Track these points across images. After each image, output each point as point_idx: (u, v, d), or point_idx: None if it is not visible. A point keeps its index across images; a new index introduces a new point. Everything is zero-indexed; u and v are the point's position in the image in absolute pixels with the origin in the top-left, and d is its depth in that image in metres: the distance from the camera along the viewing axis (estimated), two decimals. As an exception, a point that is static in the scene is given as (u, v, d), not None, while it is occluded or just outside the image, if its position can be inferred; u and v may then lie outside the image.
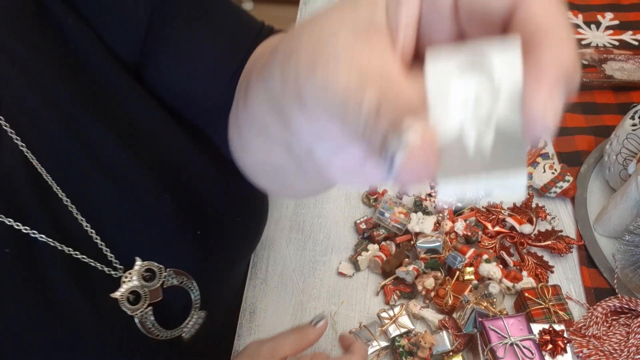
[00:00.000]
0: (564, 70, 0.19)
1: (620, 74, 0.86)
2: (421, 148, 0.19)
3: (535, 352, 0.53)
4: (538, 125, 0.18)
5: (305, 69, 0.24)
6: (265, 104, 0.29)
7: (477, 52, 0.19)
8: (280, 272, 0.68)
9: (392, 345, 0.58)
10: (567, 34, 0.20)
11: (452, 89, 0.19)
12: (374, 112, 0.21)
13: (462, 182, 0.19)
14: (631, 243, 0.61)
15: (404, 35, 0.23)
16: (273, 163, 0.34)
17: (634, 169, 0.65)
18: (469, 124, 0.19)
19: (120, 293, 0.46)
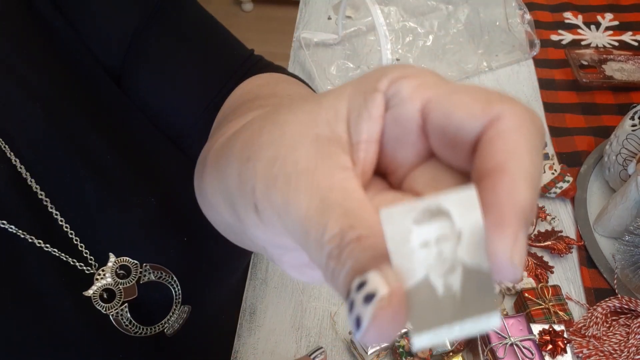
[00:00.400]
0: (525, 210, 0.18)
1: (620, 74, 0.86)
2: (390, 309, 0.18)
3: (535, 353, 0.53)
4: (506, 271, 0.18)
5: (264, 183, 0.22)
6: (220, 195, 0.28)
7: (432, 205, 0.19)
8: (281, 272, 0.68)
9: (392, 345, 0.58)
10: (533, 167, 0.19)
11: (412, 241, 0.19)
12: (336, 247, 0.20)
13: (435, 333, 0.18)
14: (631, 243, 0.62)
15: (365, 152, 0.22)
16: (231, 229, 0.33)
17: (634, 169, 0.65)
18: (435, 272, 0.19)
19: (92, 291, 0.45)
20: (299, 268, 0.28)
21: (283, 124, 0.23)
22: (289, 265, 0.28)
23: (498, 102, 0.20)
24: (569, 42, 0.97)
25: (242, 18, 2.49)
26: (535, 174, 0.19)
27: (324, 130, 0.22)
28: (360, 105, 0.22)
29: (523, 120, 0.20)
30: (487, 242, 0.18)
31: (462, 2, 0.93)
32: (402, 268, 0.19)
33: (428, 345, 0.19)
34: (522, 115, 0.20)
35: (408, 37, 0.89)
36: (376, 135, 0.22)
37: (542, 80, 0.90)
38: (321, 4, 1.03)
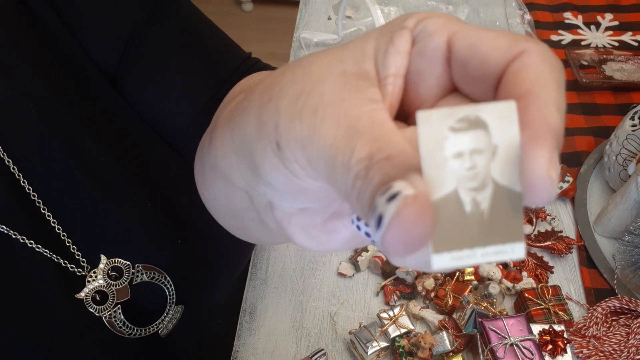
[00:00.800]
0: (557, 131, 0.19)
1: (620, 74, 0.86)
2: (415, 207, 0.17)
3: (535, 353, 0.53)
4: (543, 185, 0.17)
5: (288, 117, 0.22)
6: (232, 150, 0.28)
7: (471, 114, 0.18)
8: (280, 272, 0.68)
9: (392, 345, 0.58)
10: (559, 95, 0.20)
11: (446, 149, 0.18)
12: (364, 169, 0.19)
13: (457, 255, 0.18)
14: (631, 243, 0.62)
15: (393, 86, 0.22)
16: (234, 208, 0.32)
17: (634, 169, 0.65)
18: (465, 186, 0.18)
19: (84, 293, 0.45)
20: (309, 231, 0.27)
21: (307, 64, 0.23)
22: (299, 227, 0.27)
23: (523, 40, 0.20)
24: (569, 42, 0.97)
25: (242, 18, 2.49)
26: (561, 102, 0.20)
27: (351, 66, 0.22)
28: (387, 42, 0.22)
29: (547, 56, 0.20)
30: (523, 157, 0.17)
31: (462, 2, 0.93)
32: (432, 177, 0.18)
33: (447, 267, 0.18)
34: (546, 52, 0.21)
35: (408, 37, 0.89)
36: (403, 70, 0.22)
37: (542, 81, 0.90)
38: (321, 4, 1.03)
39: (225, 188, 0.31)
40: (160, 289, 0.50)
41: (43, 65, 0.44)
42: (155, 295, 0.50)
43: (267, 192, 0.27)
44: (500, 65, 0.20)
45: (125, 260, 0.47)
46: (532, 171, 0.17)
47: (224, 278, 0.60)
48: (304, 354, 0.60)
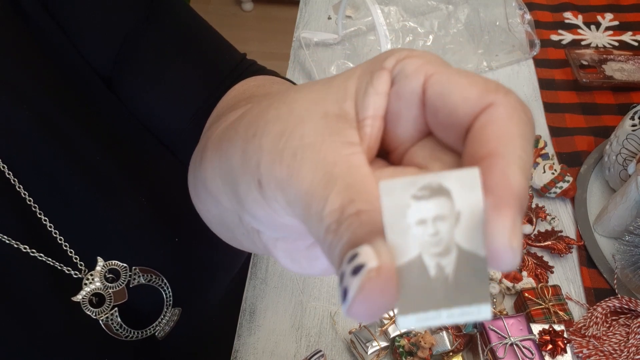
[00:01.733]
0: (520, 195, 0.18)
1: (620, 74, 0.86)
2: (378, 280, 0.17)
3: (535, 353, 0.53)
4: (504, 255, 0.17)
5: (269, 157, 0.23)
6: (219, 177, 0.28)
7: (433, 182, 0.18)
8: (280, 272, 0.68)
9: (392, 345, 0.58)
10: (525, 153, 0.19)
11: (409, 217, 0.18)
12: (335, 222, 0.20)
13: (422, 316, 0.18)
14: (631, 243, 0.62)
15: (371, 128, 0.23)
16: (225, 222, 0.33)
17: (634, 169, 0.65)
18: (429, 252, 0.18)
19: (81, 296, 0.45)
20: (293, 256, 0.28)
21: (291, 101, 0.23)
22: (282, 252, 0.28)
23: (493, 90, 0.21)
24: (569, 42, 0.97)
25: (242, 18, 2.49)
26: (527, 161, 0.19)
27: (333, 107, 0.23)
28: (368, 82, 0.23)
29: (515, 110, 0.20)
30: (486, 226, 0.18)
31: (462, 2, 0.93)
32: (395, 244, 0.18)
33: (413, 326, 0.18)
34: (514, 105, 0.20)
35: (408, 37, 0.89)
36: (382, 111, 0.23)
37: (542, 80, 0.90)
38: (321, 4, 1.03)
39: (216, 207, 0.32)
40: (157, 291, 0.50)
41: (36, 68, 0.44)
42: (152, 297, 0.50)
43: (252, 221, 0.27)
44: (468, 118, 0.21)
45: (122, 260, 0.47)
46: (494, 240, 0.17)
47: (221, 277, 0.60)
48: (304, 353, 0.60)
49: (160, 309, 0.50)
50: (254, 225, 0.28)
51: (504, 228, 0.17)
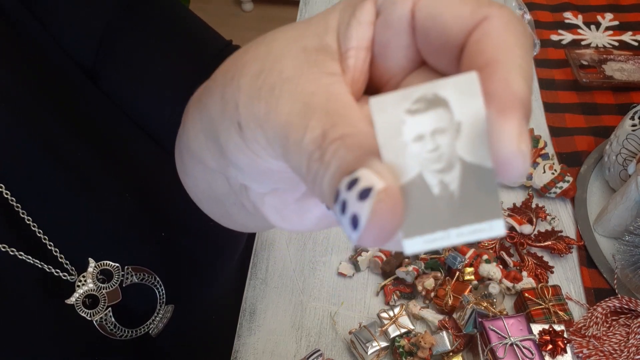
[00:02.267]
0: (524, 101, 0.17)
1: (620, 74, 0.86)
2: (388, 203, 0.16)
3: (535, 353, 0.53)
4: (514, 160, 0.16)
5: (247, 96, 0.22)
6: (201, 132, 0.27)
7: (428, 92, 0.17)
8: (280, 272, 0.68)
9: (392, 345, 0.58)
10: (525, 62, 0.19)
11: (405, 134, 0.17)
12: (317, 149, 0.18)
13: (430, 238, 0.17)
14: (631, 243, 0.62)
15: (355, 59, 0.21)
16: (214, 193, 0.32)
17: (634, 169, 0.65)
18: (430, 169, 0.17)
19: (74, 298, 0.44)
20: (282, 212, 0.27)
21: (270, 41, 0.23)
22: (271, 208, 0.27)
23: (486, 4, 0.19)
24: (569, 42, 0.97)
25: (242, 18, 2.49)
26: (527, 69, 0.18)
27: (313, 41, 0.22)
28: (350, 14, 0.22)
29: (511, 21, 0.19)
30: (491, 132, 0.16)
31: (462, 2, 0.93)
32: (393, 164, 0.17)
33: (421, 250, 0.17)
34: (509, 17, 0.19)
35: (408, 37, 0.89)
36: (366, 42, 0.22)
37: (542, 80, 0.90)
38: (321, 4, 1.03)
39: (203, 172, 0.31)
40: (151, 290, 0.50)
41: (14, 62, 0.43)
42: (145, 296, 0.50)
43: (238, 174, 0.26)
44: (462, 35, 0.19)
45: (112, 258, 0.46)
46: (502, 146, 0.16)
47: (213, 271, 0.59)
48: (304, 354, 0.60)
49: (153, 307, 0.50)
50: (240, 180, 0.27)
51: (511, 131, 0.16)
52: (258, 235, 0.71)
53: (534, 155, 0.74)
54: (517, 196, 0.74)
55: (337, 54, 0.22)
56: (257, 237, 0.71)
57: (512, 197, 0.74)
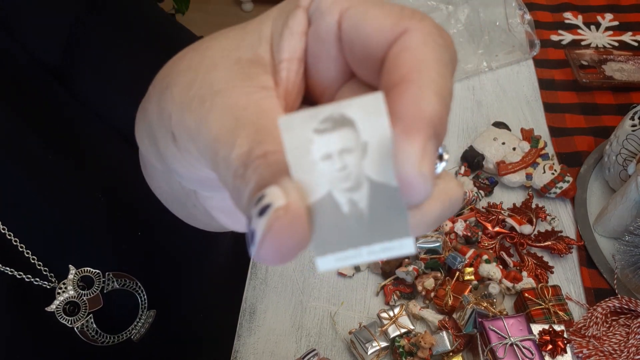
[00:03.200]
0: (432, 120, 0.17)
1: (620, 74, 0.86)
2: (286, 218, 0.16)
3: (535, 353, 0.53)
4: (415, 183, 0.16)
5: (179, 107, 0.21)
6: (145, 137, 0.26)
7: (335, 112, 0.17)
8: (280, 272, 0.68)
9: (392, 345, 0.58)
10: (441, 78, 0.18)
11: (313, 153, 0.17)
12: (242, 166, 0.18)
13: (341, 256, 0.17)
14: (631, 243, 0.62)
15: (287, 71, 0.21)
16: (174, 194, 0.31)
17: (634, 169, 0.65)
18: (339, 188, 0.17)
19: (55, 305, 0.43)
20: (229, 212, 0.26)
21: (205, 49, 0.22)
22: (218, 210, 0.27)
23: (407, 17, 0.19)
24: (569, 42, 0.97)
25: (242, 18, 2.48)
26: (443, 85, 0.18)
27: (246, 53, 0.22)
28: (283, 24, 0.21)
29: (430, 35, 0.19)
30: (394, 152, 0.17)
31: (462, 2, 0.93)
32: (303, 182, 0.17)
33: (333, 267, 0.17)
34: (429, 29, 0.19)
35: (408, 37, 0.89)
36: (298, 53, 0.21)
37: (542, 80, 0.90)
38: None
39: (161, 174, 0.30)
40: (132, 295, 0.49)
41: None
42: (127, 301, 0.49)
43: (180, 180, 0.26)
44: (383, 47, 0.19)
45: (91, 262, 0.46)
46: (403, 168, 0.16)
47: (193, 269, 0.58)
48: (304, 353, 0.60)
49: (135, 312, 0.50)
50: (184, 185, 0.27)
51: (412, 153, 0.16)
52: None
53: (534, 155, 0.74)
54: (517, 196, 0.74)
55: (270, 66, 0.22)
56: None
57: (512, 197, 0.74)
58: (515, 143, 0.75)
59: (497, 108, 0.86)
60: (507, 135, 0.77)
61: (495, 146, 0.76)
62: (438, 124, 0.17)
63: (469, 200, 0.71)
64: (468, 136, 0.82)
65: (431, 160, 0.17)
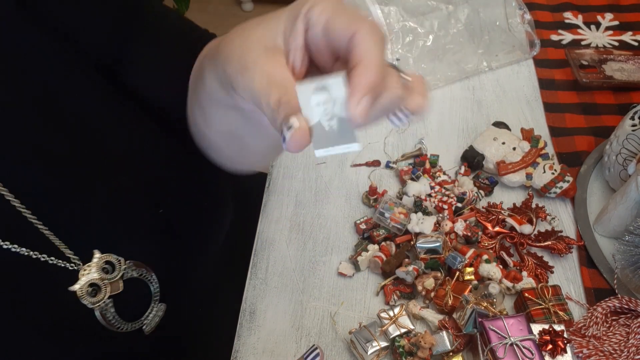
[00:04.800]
0: (370, 86, 0.33)
1: (620, 74, 0.86)
2: (298, 132, 0.33)
3: (535, 353, 0.53)
4: (354, 119, 0.33)
5: (235, 72, 0.37)
6: (215, 82, 0.42)
7: (322, 81, 0.34)
8: (280, 272, 0.68)
9: (392, 345, 0.58)
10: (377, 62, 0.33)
11: (312, 101, 0.34)
12: (276, 106, 0.34)
13: (326, 149, 0.35)
14: (631, 243, 0.62)
15: (293, 56, 0.37)
16: (232, 127, 0.47)
17: (634, 169, 0.65)
18: (324, 119, 0.34)
19: (79, 286, 0.46)
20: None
21: (246, 36, 0.38)
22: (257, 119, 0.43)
23: (355, 22, 0.34)
24: (569, 42, 0.97)
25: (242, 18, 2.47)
26: (378, 61, 0.34)
27: (270, 42, 0.37)
28: (292, 25, 0.36)
29: (370, 33, 0.34)
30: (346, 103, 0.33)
31: (462, 2, 0.93)
32: (306, 116, 0.34)
33: (323, 155, 0.35)
34: (370, 29, 0.34)
35: (408, 37, 0.89)
36: (300, 45, 0.36)
37: (542, 80, 0.90)
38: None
39: (224, 113, 0.46)
40: (146, 286, 0.52)
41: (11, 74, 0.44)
42: (141, 291, 0.52)
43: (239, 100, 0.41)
44: (344, 44, 0.35)
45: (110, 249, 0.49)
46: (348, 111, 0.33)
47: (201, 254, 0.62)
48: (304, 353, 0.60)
49: (147, 303, 0.52)
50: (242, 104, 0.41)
51: (352, 104, 0.33)
52: (258, 235, 0.72)
53: (534, 155, 0.74)
54: (517, 196, 0.74)
55: (284, 52, 0.37)
56: (257, 237, 0.71)
57: (512, 197, 0.74)
58: (515, 143, 0.75)
59: (497, 108, 0.86)
60: (507, 135, 0.77)
61: (495, 146, 0.76)
62: (374, 86, 0.33)
63: (469, 200, 0.71)
64: (468, 136, 0.82)
65: (364, 106, 0.33)
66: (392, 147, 0.81)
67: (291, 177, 0.78)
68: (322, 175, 0.78)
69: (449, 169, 0.77)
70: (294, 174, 0.78)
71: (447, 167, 0.77)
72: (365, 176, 0.78)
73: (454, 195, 0.71)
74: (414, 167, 0.76)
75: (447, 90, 0.90)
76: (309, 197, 0.75)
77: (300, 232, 0.72)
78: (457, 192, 0.71)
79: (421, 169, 0.75)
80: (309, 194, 0.76)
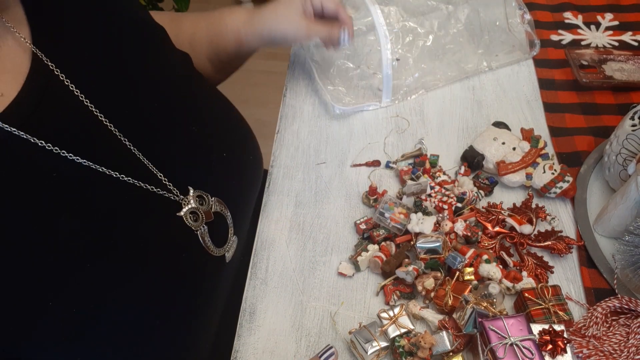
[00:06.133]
0: (349, 21, 0.78)
1: (620, 74, 0.86)
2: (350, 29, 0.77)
3: (535, 353, 0.53)
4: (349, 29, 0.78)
5: (274, 25, 0.77)
6: (256, 39, 0.79)
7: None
8: (280, 272, 0.68)
9: (392, 345, 0.58)
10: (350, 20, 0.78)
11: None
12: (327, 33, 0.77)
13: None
14: (631, 243, 0.62)
15: (309, 14, 0.77)
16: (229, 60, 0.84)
17: (634, 169, 0.65)
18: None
19: (184, 212, 0.57)
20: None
21: (276, 6, 0.77)
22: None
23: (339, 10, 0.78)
24: (569, 42, 0.97)
25: (242, 18, 2.48)
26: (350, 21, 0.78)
27: (297, 6, 0.76)
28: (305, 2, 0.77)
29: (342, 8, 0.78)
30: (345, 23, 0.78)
31: (462, 2, 0.93)
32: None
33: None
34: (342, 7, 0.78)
35: (408, 37, 0.89)
36: (311, 8, 0.77)
37: (542, 80, 0.90)
38: (321, 4, 1.03)
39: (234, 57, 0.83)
40: (221, 220, 0.62)
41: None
42: (222, 223, 0.62)
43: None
44: (333, 12, 0.77)
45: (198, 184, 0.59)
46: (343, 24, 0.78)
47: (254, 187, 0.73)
48: (304, 353, 0.60)
49: (225, 235, 0.62)
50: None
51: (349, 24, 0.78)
52: (258, 235, 0.71)
53: (534, 155, 0.74)
54: (517, 196, 0.74)
55: (305, 12, 0.77)
56: (257, 237, 0.71)
57: (512, 197, 0.74)
58: (515, 143, 0.75)
59: (497, 108, 0.86)
60: (507, 135, 0.77)
61: (495, 146, 0.76)
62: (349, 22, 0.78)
63: (469, 201, 0.71)
64: (468, 136, 0.82)
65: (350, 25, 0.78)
66: (392, 147, 0.82)
67: (291, 177, 0.78)
68: (322, 175, 0.78)
69: (449, 169, 0.77)
70: (294, 174, 0.79)
71: (447, 167, 0.77)
72: (365, 176, 0.78)
73: (454, 195, 0.71)
74: (414, 167, 0.76)
75: (447, 90, 0.90)
76: (309, 197, 0.75)
77: (300, 232, 0.72)
78: (457, 192, 0.71)
79: (421, 169, 0.75)
80: (309, 194, 0.76)
